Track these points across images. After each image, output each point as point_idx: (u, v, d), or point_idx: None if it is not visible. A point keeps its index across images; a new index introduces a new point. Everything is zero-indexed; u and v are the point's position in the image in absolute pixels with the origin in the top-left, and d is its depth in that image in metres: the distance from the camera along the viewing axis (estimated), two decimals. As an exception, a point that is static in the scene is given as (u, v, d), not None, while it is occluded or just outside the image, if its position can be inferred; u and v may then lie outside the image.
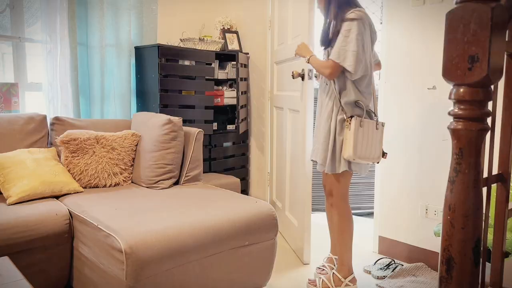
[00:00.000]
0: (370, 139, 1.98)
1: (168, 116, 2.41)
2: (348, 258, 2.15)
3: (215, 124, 3.43)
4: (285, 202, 2.88)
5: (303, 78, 2.39)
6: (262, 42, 3.34)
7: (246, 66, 3.37)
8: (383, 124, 2.04)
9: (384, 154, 2.06)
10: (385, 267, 2.40)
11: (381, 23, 2.54)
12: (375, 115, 2.06)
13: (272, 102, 3.23)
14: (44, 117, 2.47)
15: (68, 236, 1.93)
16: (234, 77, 3.43)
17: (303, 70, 2.37)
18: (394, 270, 2.36)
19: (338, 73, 1.97)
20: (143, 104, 3.04)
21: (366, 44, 1.94)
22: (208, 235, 1.75)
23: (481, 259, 0.91)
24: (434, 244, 2.42)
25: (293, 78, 2.38)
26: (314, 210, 3.38)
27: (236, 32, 3.47)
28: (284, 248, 2.72)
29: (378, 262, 2.50)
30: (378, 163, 2.06)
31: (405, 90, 2.48)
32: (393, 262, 2.45)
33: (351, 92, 1.99)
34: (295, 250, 2.65)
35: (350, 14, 1.92)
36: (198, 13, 3.60)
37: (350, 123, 1.95)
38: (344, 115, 1.98)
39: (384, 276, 2.32)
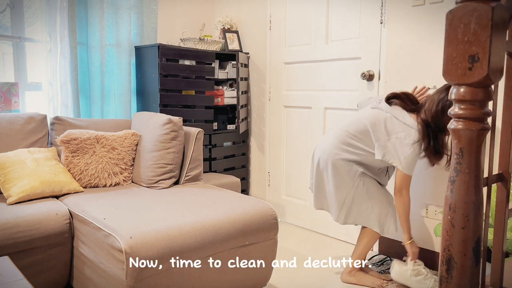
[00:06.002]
0: None
1: (168, 116, 2.42)
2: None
3: (215, 124, 3.43)
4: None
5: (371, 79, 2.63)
6: (262, 42, 3.34)
7: (246, 65, 3.37)
8: None
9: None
10: (380, 264, 2.42)
11: (381, 23, 2.55)
12: None
13: (285, 102, 3.22)
14: (44, 117, 2.47)
15: (68, 235, 1.93)
16: (234, 76, 3.43)
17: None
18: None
19: None
20: (143, 103, 3.04)
21: None
22: (208, 235, 1.76)
23: (481, 259, 0.91)
24: (434, 244, 2.42)
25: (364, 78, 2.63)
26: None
27: (236, 32, 3.47)
28: (284, 248, 2.72)
29: (372, 258, 2.53)
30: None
31: (405, 90, 2.47)
32: (388, 259, 2.47)
33: None
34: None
35: None
36: (198, 13, 3.60)
37: None
38: None
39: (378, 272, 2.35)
